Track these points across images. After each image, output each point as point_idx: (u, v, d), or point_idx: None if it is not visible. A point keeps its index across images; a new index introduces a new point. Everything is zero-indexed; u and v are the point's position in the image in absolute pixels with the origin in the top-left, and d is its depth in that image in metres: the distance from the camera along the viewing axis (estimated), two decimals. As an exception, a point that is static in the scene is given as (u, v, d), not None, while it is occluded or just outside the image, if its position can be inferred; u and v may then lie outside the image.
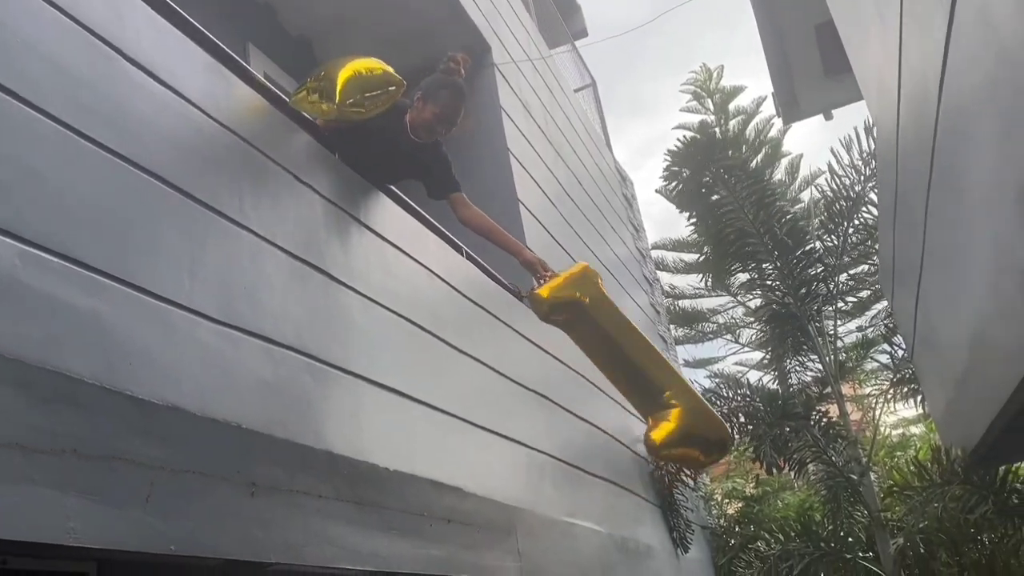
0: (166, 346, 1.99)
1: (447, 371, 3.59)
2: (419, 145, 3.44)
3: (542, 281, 3.31)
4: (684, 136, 7.16)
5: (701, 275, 11.76)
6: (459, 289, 3.90)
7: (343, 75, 2.89)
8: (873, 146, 6.35)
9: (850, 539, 6.63)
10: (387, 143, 3.47)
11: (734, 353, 13.20)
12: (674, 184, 7.20)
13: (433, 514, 2.94)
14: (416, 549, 2.77)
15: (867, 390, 8.96)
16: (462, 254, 4.13)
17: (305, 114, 3.07)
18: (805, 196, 12.11)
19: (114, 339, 1.83)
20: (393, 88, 3.00)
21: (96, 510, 1.62)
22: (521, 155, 5.87)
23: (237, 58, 2.85)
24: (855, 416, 8.77)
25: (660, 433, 3.02)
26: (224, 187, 2.45)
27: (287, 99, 3.03)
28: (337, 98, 2.82)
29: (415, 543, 2.77)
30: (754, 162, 7.52)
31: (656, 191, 11.25)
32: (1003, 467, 5.56)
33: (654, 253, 12.13)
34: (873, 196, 6.41)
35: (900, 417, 11.40)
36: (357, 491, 2.52)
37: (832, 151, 6.59)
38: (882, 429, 10.27)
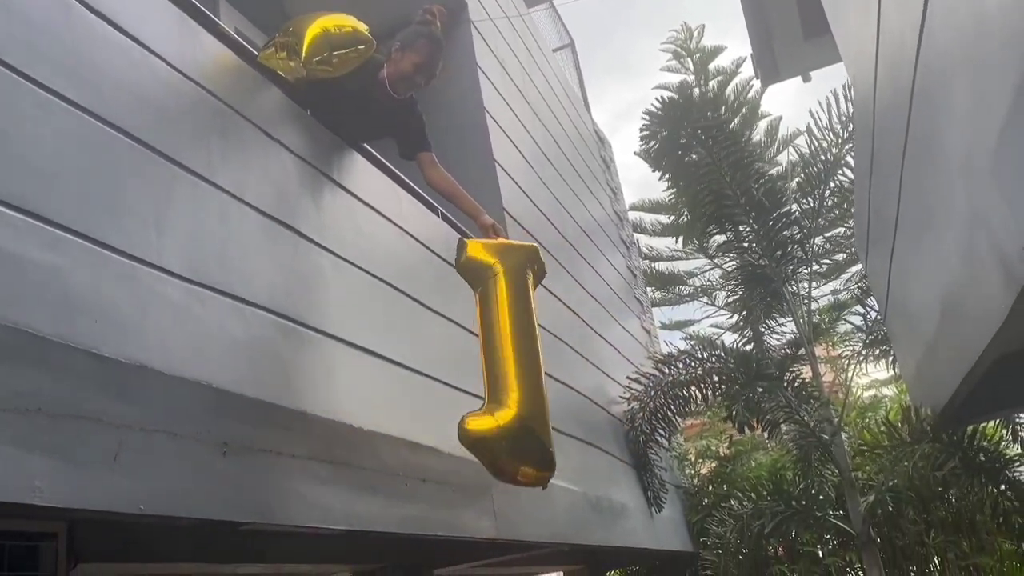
0: (133, 304, 1.95)
1: (422, 331, 3.58)
2: (395, 102, 3.39)
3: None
4: (662, 96, 7.11)
5: (677, 238, 11.80)
6: (434, 249, 3.88)
7: (311, 32, 2.83)
8: (851, 109, 6.34)
9: (821, 497, 6.74)
10: (361, 100, 3.42)
11: (710, 316, 13.29)
12: (651, 144, 7.16)
13: (408, 474, 2.95)
14: (391, 508, 2.78)
15: (840, 352, 9.06)
16: (437, 214, 4.10)
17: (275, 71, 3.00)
18: (783, 159, 12.11)
19: (79, 297, 1.80)
20: (362, 47, 2.94)
21: (62, 469, 1.60)
22: (498, 115, 5.81)
23: (206, 11, 2.78)
24: (828, 378, 8.89)
25: (479, 424, 2.64)
26: (192, 143, 2.40)
27: (257, 54, 2.96)
28: (304, 55, 2.76)
29: (390, 502, 2.78)
30: (732, 123, 7.46)
31: (635, 153, 11.20)
32: (971, 426, 5.67)
33: (632, 215, 12.12)
34: (850, 159, 6.42)
35: (872, 379, 11.56)
36: (331, 451, 2.52)
37: (811, 113, 6.58)
38: (854, 390, 10.42)
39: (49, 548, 2.00)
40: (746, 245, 7.09)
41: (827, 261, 9.21)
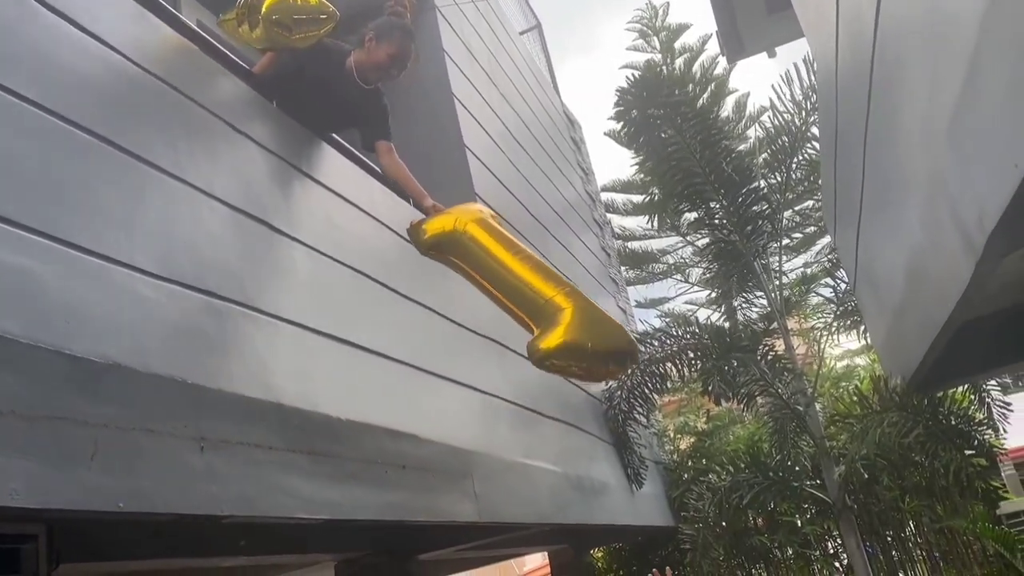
0: (104, 303, 1.95)
1: (398, 320, 3.58)
2: (362, 92, 3.38)
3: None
4: (632, 75, 7.13)
5: (649, 216, 11.85)
6: (407, 237, 3.88)
7: None
8: (814, 80, 6.40)
9: (797, 468, 6.86)
10: (327, 90, 3.40)
11: (684, 293, 13.40)
12: (622, 124, 7.19)
13: (388, 461, 2.96)
14: (372, 496, 2.79)
15: (812, 324, 9.19)
16: (409, 202, 4.10)
17: (233, 41, 2.98)
18: (752, 134, 12.20)
19: (49, 298, 1.79)
20: (324, 17, 2.90)
21: (39, 471, 1.60)
22: (466, 100, 5.80)
23: (167, 5, 2.75)
24: (801, 350, 9.01)
25: (548, 340, 2.65)
26: (157, 138, 2.39)
27: (219, 46, 2.94)
28: (263, 9, 2.72)
29: (371, 490, 2.80)
30: (700, 101, 7.51)
31: (605, 134, 11.23)
32: (940, 393, 5.79)
33: (604, 195, 12.15)
34: (815, 130, 6.48)
35: (845, 349, 11.74)
36: (310, 442, 2.53)
37: (773, 87, 6.64)
38: (827, 361, 10.58)
39: (30, 550, 2.00)
40: (717, 222, 7.15)
41: (797, 235, 9.32)
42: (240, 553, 3.25)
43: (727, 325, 7.31)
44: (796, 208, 8.31)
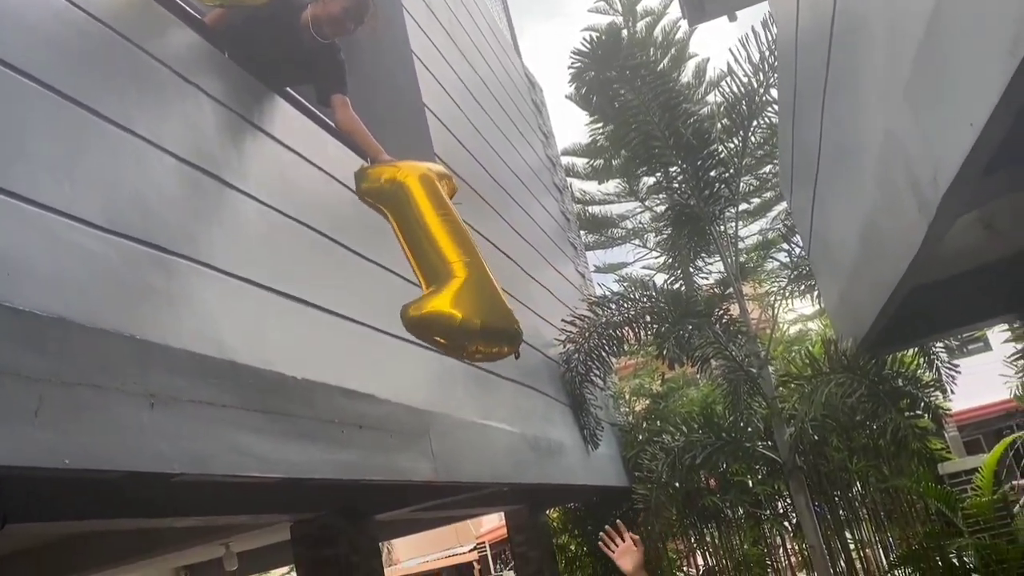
0: (47, 255, 1.88)
1: (354, 279, 3.54)
2: (317, 46, 3.30)
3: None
4: (590, 36, 7.07)
5: (608, 180, 11.86)
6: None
7: None
8: (773, 42, 6.40)
9: (749, 429, 6.99)
10: (281, 42, 3.32)
11: (642, 258, 13.50)
12: (581, 86, 7.14)
13: (344, 420, 2.94)
14: (327, 455, 2.77)
15: (767, 290, 9.33)
16: (365, 159, 4.02)
17: None
18: (712, 99, 12.24)
19: (-13, 249, 1.72)
20: None
21: (-21, 426, 1.55)
22: (426, 58, 5.70)
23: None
24: (755, 314, 9.14)
25: (420, 306, 2.59)
26: (103, 87, 2.30)
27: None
28: None
29: (326, 449, 2.78)
30: (661, 64, 7.49)
31: (566, 97, 11.16)
32: (890, 355, 5.93)
33: (564, 159, 12.12)
34: (774, 92, 6.49)
35: (799, 314, 11.95)
36: (264, 400, 2.49)
37: (731, 50, 6.63)
38: (781, 326, 10.76)
39: (-27, 509, 1.95)
40: (675, 186, 7.17)
41: (756, 199, 9.40)
42: (193, 513, 3.22)
43: (683, 290, 7.36)
44: (755, 173, 8.37)
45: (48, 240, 1.90)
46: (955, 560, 7.30)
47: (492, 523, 15.75)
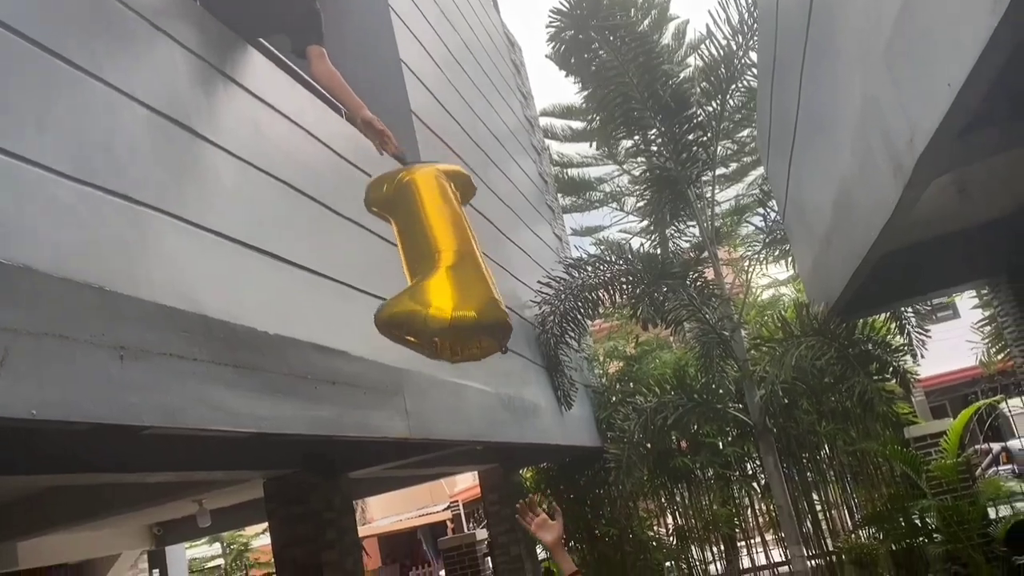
0: (14, 204, 1.84)
1: (329, 236, 3.51)
2: None
3: (383, 152, 3.22)
4: (571, -4, 6.96)
5: (589, 143, 11.82)
6: (339, 152, 3.77)
7: None
8: (754, 5, 6.36)
9: (721, 391, 7.08)
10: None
11: (619, 222, 13.52)
12: (559, 46, 7.06)
13: (318, 377, 2.93)
14: (300, 411, 2.76)
15: (742, 254, 9.38)
16: (341, 115, 3.97)
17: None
18: (691, 62, 12.18)
19: (-51, 195, 1.68)
20: None
21: (-57, 375, 1.52)
22: (403, 12, 5.60)
23: None
24: (730, 279, 9.21)
25: (392, 304, 2.51)
26: (72, 34, 2.23)
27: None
28: None
29: (299, 405, 2.77)
30: (641, 25, 7.41)
31: (546, 56, 11.04)
32: (861, 319, 6.01)
33: (542, 121, 12.04)
34: (754, 55, 6.46)
35: (773, 279, 12.05)
36: (235, 354, 2.47)
37: (710, 12, 6.56)
38: (755, 291, 10.84)
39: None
40: (654, 149, 7.15)
41: (733, 163, 9.41)
42: (164, 469, 3.21)
43: (658, 252, 7.39)
44: (733, 137, 8.36)
45: (16, 189, 1.86)
46: (918, 521, 7.50)
47: (466, 483, 15.90)
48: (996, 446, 10.98)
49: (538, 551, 9.26)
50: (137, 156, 2.35)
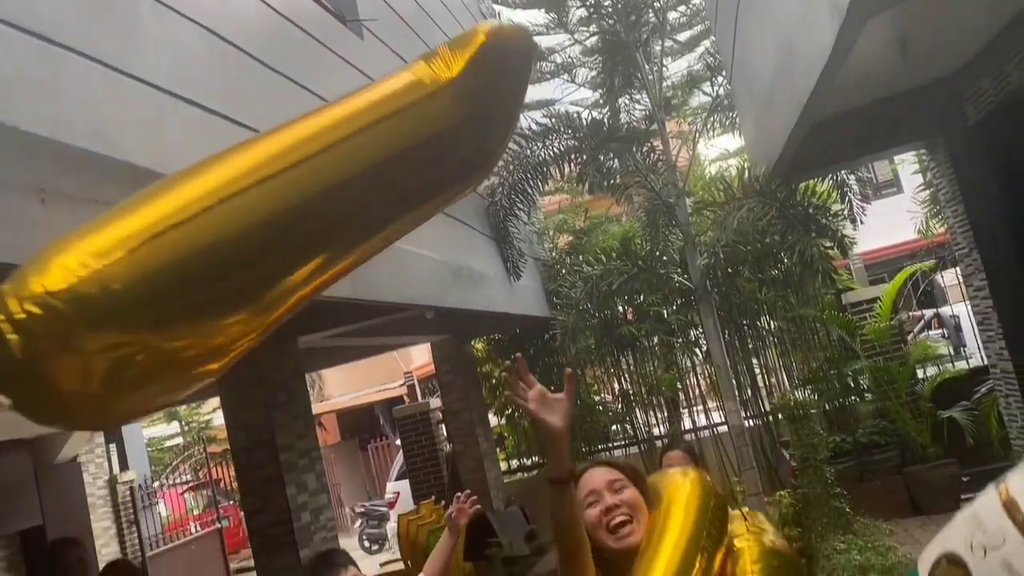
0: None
1: (266, 94, 3.40)
2: None
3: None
4: None
5: (532, 9, 11.45)
6: (278, 9, 3.62)
7: None
8: None
9: (664, 258, 7.20)
10: None
11: (570, 94, 13.29)
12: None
13: (256, 233, 2.89)
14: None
15: (691, 124, 9.35)
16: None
17: None
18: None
19: None
20: None
21: None
22: None
23: None
24: (683, 156, 9.20)
25: None
26: None
27: None
28: None
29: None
30: None
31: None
32: (803, 183, 6.09)
33: (492, -12, 11.60)
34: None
35: (721, 150, 12.09)
36: (167, 206, 2.42)
37: None
38: (704, 161, 10.89)
39: None
40: (604, 13, 6.98)
41: (686, 32, 9.23)
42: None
43: (607, 118, 7.32)
44: (688, 3, 8.13)
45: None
46: (851, 381, 7.87)
47: (421, 359, 16.16)
48: (928, 312, 11.43)
49: (491, 418, 9.56)
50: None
